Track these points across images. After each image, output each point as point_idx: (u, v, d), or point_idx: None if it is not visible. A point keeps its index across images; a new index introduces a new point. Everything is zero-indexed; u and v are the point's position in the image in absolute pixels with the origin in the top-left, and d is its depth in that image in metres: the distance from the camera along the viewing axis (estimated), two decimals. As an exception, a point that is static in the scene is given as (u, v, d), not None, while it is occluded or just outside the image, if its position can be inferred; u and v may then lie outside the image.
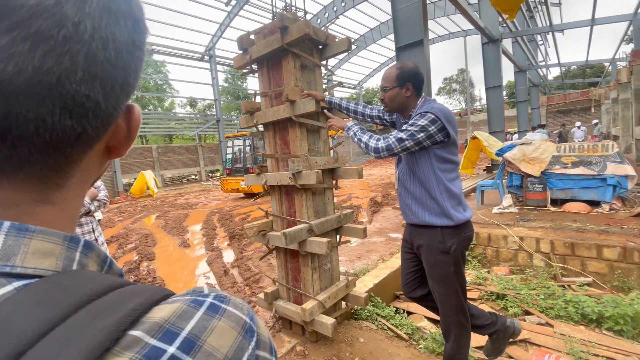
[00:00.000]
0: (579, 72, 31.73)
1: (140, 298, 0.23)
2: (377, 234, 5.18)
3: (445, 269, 1.60)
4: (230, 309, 0.25)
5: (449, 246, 1.57)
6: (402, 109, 1.70)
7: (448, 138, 1.54)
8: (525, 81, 13.63)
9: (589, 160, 4.51)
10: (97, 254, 0.28)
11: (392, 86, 1.65)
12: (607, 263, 3.24)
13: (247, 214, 8.13)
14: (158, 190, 16.53)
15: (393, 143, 1.52)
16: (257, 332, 0.26)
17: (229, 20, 16.19)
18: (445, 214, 1.57)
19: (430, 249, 1.62)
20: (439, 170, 1.57)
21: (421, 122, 1.49)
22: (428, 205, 1.61)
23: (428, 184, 1.59)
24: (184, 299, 0.24)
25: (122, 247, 5.87)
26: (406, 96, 1.65)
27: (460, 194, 1.62)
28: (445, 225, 1.58)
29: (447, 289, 1.63)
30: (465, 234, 1.62)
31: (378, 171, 18.12)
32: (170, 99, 35.14)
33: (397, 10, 4.89)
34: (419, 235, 1.68)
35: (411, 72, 1.64)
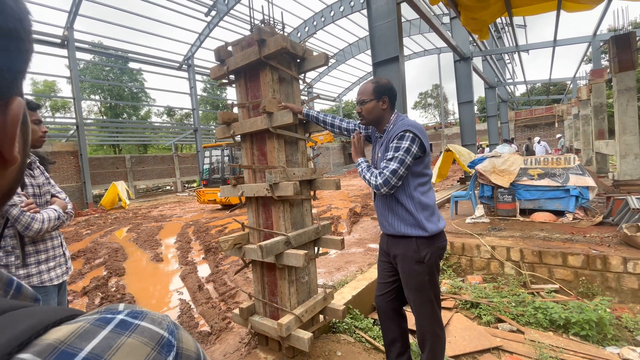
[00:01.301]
0: (543, 89, 33.90)
1: (34, 319, 0.21)
2: (356, 244, 5.20)
3: (420, 278, 1.65)
4: (144, 324, 0.23)
5: (424, 256, 1.63)
6: (378, 122, 1.76)
7: (424, 153, 1.62)
8: (494, 97, 14.39)
9: (553, 172, 4.78)
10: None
11: (370, 99, 1.71)
12: (572, 270, 3.40)
13: (223, 226, 7.94)
14: (130, 201, 15.87)
15: (389, 177, 1.56)
16: (178, 346, 0.24)
17: (208, 30, 16.14)
18: (420, 225, 1.63)
19: (406, 258, 1.67)
20: (412, 184, 1.64)
21: (405, 145, 1.55)
22: (403, 217, 1.66)
23: (403, 197, 1.65)
24: (89, 318, 0.22)
25: (89, 262, 5.55)
26: (382, 108, 1.72)
27: (433, 205, 1.69)
28: (419, 236, 1.64)
29: (422, 299, 1.67)
30: (438, 244, 1.68)
31: (357, 182, 18.32)
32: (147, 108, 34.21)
33: (373, 27, 5.07)
34: (394, 245, 1.73)
35: (386, 86, 1.72)
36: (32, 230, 1.46)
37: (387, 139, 1.68)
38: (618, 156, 6.42)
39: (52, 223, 1.55)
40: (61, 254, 1.68)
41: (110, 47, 16.93)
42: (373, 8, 5.04)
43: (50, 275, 1.60)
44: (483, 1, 5.24)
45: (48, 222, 1.53)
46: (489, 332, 2.60)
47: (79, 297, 4.02)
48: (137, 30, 15.15)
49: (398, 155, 1.55)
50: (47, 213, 1.55)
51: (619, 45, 6.31)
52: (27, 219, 1.44)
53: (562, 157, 4.85)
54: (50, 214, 1.56)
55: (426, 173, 1.68)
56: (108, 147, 31.70)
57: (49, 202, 1.69)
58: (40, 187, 1.65)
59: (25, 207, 1.45)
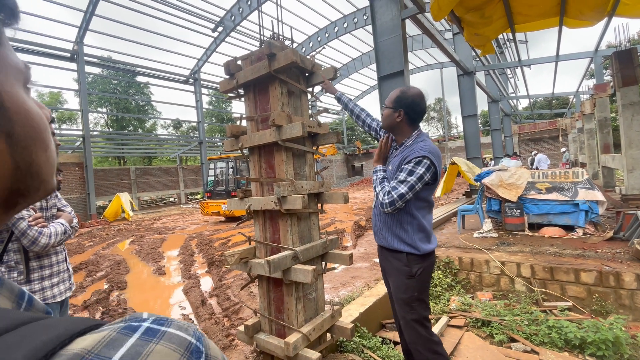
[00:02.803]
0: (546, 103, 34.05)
1: (58, 329, 0.20)
2: (362, 259, 5.12)
3: (410, 293, 1.65)
4: (171, 330, 0.23)
5: (415, 271, 1.65)
6: (394, 132, 1.76)
7: (434, 181, 1.62)
8: (498, 111, 14.44)
9: (562, 186, 4.72)
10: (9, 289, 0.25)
11: (388, 106, 1.71)
12: (585, 287, 3.30)
13: (227, 239, 7.87)
14: (134, 213, 15.88)
15: (395, 200, 1.56)
16: (206, 353, 0.23)
17: (215, 45, 16.49)
18: (412, 244, 1.65)
19: (397, 271, 1.69)
20: (414, 207, 1.65)
21: (419, 171, 1.55)
22: (397, 234, 1.68)
23: (402, 217, 1.66)
24: (115, 327, 0.21)
25: (91, 275, 5.49)
26: (397, 121, 1.69)
27: (429, 229, 1.71)
28: (411, 252, 1.65)
29: (411, 316, 1.66)
30: (429, 260, 1.70)
31: (361, 194, 18.25)
32: (152, 120, 34.67)
33: (378, 42, 5.13)
34: (387, 259, 1.77)
35: (407, 100, 1.67)
36: (38, 245, 1.43)
37: (404, 155, 1.65)
38: (625, 170, 6.35)
39: (58, 238, 1.53)
40: (65, 269, 1.65)
41: (119, 61, 17.31)
42: (378, 24, 5.12)
43: (53, 292, 1.56)
44: (486, 17, 5.32)
45: (55, 236, 1.50)
46: (502, 352, 2.50)
47: (79, 312, 3.95)
48: (145, 45, 15.52)
49: (410, 180, 1.55)
50: (55, 227, 1.52)
51: (621, 61, 6.34)
52: (35, 233, 1.41)
53: (570, 171, 4.80)
54: (58, 228, 1.53)
55: (430, 200, 1.69)
56: (113, 159, 32.00)
57: (55, 215, 1.67)
58: (47, 201, 1.63)
59: (32, 222, 1.43)
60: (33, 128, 0.29)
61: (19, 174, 0.28)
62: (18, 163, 0.28)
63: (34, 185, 0.30)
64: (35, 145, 0.30)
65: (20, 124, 0.28)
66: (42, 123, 0.31)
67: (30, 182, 0.29)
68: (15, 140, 0.27)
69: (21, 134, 0.28)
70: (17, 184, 0.28)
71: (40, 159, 0.30)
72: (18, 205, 0.30)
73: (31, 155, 0.29)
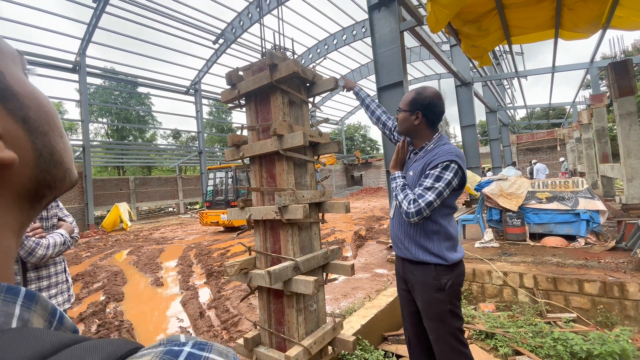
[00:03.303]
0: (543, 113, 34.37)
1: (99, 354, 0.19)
2: (363, 269, 5.06)
3: (441, 307, 1.53)
4: (213, 356, 0.22)
5: (444, 283, 1.52)
6: (412, 136, 1.66)
7: (461, 187, 1.53)
8: (496, 121, 14.55)
9: (562, 195, 4.71)
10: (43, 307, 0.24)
11: (403, 110, 1.61)
12: (589, 298, 3.26)
13: (226, 249, 7.80)
14: (132, 223, 15.78)
15: (423, 208, 1.45)
16: None
17: (215, 57, 16.70)
18: (440, 255, 1.53)
19: (425, 286, 1.56)
20: (439, 215, 1.54)
21: (448, 177, 1.45)
22: (422, 245, 1.56)
23: (427, 226, 1.55)
24: (156, 351, 0.21)
25: (87, 287, 5.41)
26: (415, 124, 1.60)
27: (455, 236, 1.60)
28: (438, 263, 1.54)
29: (444, 330, 1.54)
30: (458, 270, 1.59)
31: (361, 204, 18.21)
32: (152, 130, 34.82)
33: (378, 54, 5.20)
34: (411, 271, 1.63)
35: (425, 101, 1.57)
36: (35, 256, 1.41)
37: (427, 160, 1.55)
38: (625, 180, 6.36)
39: (57, 249, 1.50)
40: (64, 281, 1.61)
41: (121, 72, 17.49)
42: (377, 36, 5.20)
43: None
44: (483, 29, 5.41)
45: (53, 247, 1.47)
46: (507, 365, 2.45)
47: (75, 324, 3.88)
48: (147, 56, 15.70)
49: (438, 186, 1.44)
50: (53, 238, 1.49)
51: (617, 72, 6.43)
52: (32, 244, 1.39)
53: (570, 181, 4.80)
54: (57, 239, 1.50)
55: (455, 206, 1.58)
56: (112, 169, 32.00)
57: (56, 225, 1.64)
58: (48, 210, 1.61)
59: (30, 232, 1.40)
60: (46, 113, 0.28)
61: (43, 163, 0.27)
62: (40, 150, 0.27)
63: (59, 174, 0.29)
64: (53, 131, 0.29)
65: (34, 109, 0.27)
66: (52, 108, 0.30)
67: (55, 171, 0.28)
68: (32, 126, 0.26)
69: (37, 120, 0.27)
70: (43, 173, 0.27)
71: (59, 146, 0.29)
72: (45, 199, 0.29)
73: (51, 141, 0.28)
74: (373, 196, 24.10)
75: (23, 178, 0.26)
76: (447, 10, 4.28)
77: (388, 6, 4.99)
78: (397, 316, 3.16)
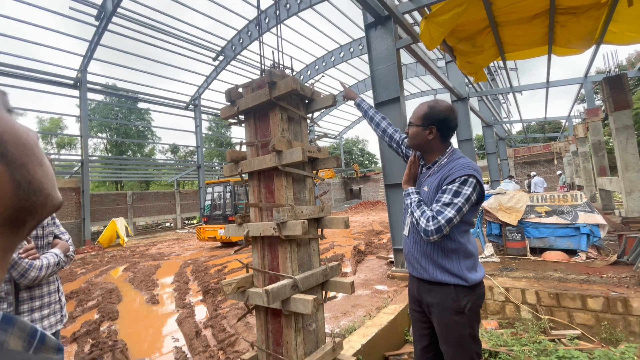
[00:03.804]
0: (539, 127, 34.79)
1: None
2: (362, 286, 4.98)
3: (461, 331, 1.44)
4: None
5: (464, 305, 1.43)
6: (424, 151, 1.61)
7: (480, 201, 1.47)
8: (492, 135, 14.70)
9: (561, 209, 4.71)
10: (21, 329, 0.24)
11: (417, 124, 1.56)
12: (592, 314, 3.20)
13: (223, 265, 7.69)
14: (129, 238, 15.61)
15: (443, 225, 1.37)
16: None
17: (215, 73, 16.96)
18: (459, 275, 1.45)
19: (443, 308, 1.46)
20: (457, 232, 1.46)
21: (466, 192, 1.39)
22: (441, 264, 1.48)
23: (445, 244, 1.47)
24: None
25: (81, 305, 5.29)
26: (428, 139, 1.55)
27: (475, 254, 1.52)
28: (458, 284, 1.46)
29: (463, 355, 1.45)
30: (479, 291, 1.50)
31: (360, 218, 18.13)
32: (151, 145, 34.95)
33: (374, 70, 5.29)
34: (429, 292, 1.53)
35: (440, 115, 1.53)
36: (28, 278, 1.37)
37: (442, 175, 1.49)
38: (623, 193, 6.37)
39: (50, 270, 1.46)
40: (57, 300, 1.57)
41: (121, 89, 17.70)
42: (374, 54, 5.31)
43: (42, 325, 1.48)
44: (477, 46, 5.54)
45: (46, 269, 1.44)
46: (512, 386, 2.37)
47: (68, 344, 3.77)
48: (148, 72, 15.93)
49: (457, 202, 1.37)
50: (47, 259, 1.46)
51: (612, 86, 6.54)
52: (25, 265, 1.35)
53: (568, 194, 4.80)
54: (50, 259, 1.47)
55: (472, 222, 1.53)
56: (110, 184, 31.91)
57: (51, 243, 1.61)
58: (44, 228, 1.58)
59: (23, 254, 1.37)
60: (24, 145, 0.30)
61: (22, 192, 0.29)
62: (19, 181, 0.28)
63: (40, 200, 0.30)
64: (31, 161, 0.30)
65: (12, 144, 0.29)
66: (30, 140, 0.31)
67: (34, 198, 0.30)
68: (10, 159, 0.28)
69: (15, 153, 0.29)
70: (22, 202, 0.29)
71: (38, 174, 0.31)
72: (27, 224, 0.30)
73: (29, 171, 0.30)
74: (372, 210, 24.02)
75: (2, 207, 0.27)
76: (442, 28, 4.39)
77: (384, 25, 5.12)
78: (399, 335, 3.09)
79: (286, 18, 12.69)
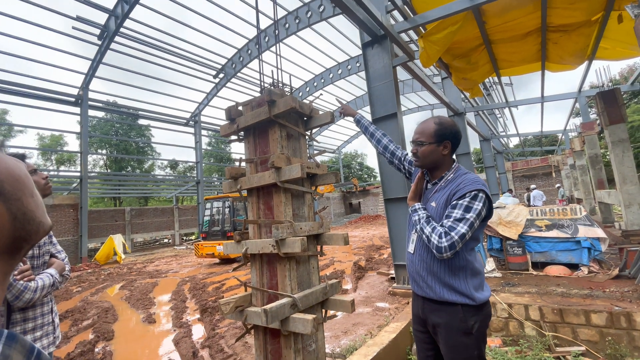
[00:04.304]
0: (536, 141, 35.11)
1: None
2: (363, 303, 4.89)
3: (469, 352, 1.39)
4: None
5: (472, 325, 1.39)
6: (435, 167, 1.58)
7: (489, 216, 1.46)
8: (490, 149, 14.82)
9: (561, 223, 4.70)
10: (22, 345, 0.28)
11: (429, 141, 1.52)
12: (597, 330, 3.15)
13: (221, 283, 7.58)
14: (126, 255, 15.42)
15: (456, 241, 1.34)
16: None
17: (215, 90, 17.22)
18: (467, 294, 1.42)
19: (450, 329, 1.42)
20: (465, 249, 1.43)
21: (477, 207, 1.37)
22: (448, 283, 1.45)
23: (453, 261, 1.45)
24: None
25: (76, 324, 5.17)
26: (443, 154, 1.53)
27: (482, 272, 1.49)
28: (465, 304, 1.42)
29: None
30: (486, 311, 1.46)
31: (360, 232, 18.00)
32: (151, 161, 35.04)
33: (372, 87, 5.39)
34: (434, 312, 1.49)
35: (451, 129, 1.53)
36: (22, 300, 1.35)
37: (451, 190, 1.47)
38: (623, 206, 6.38)
39: (45, 291, 1.44)
40: (50, 322, 1.53)
41: (122, 105, 17.91)
42: (371, 71, 5.41)
43: None
44: (472, 63, 5.67)
45: (41, 290, 1.41)
46: (518, 407, 2.30)
47: (59, 366, 3.66)
48: (149, 90, 16.17)
49: (469, 217, 1.35)
50: (42, 280, 1.43)
51: (605, 101, 6.66)
52: (20, 287, 1.33)
53: (567, 208, 4.80)
54: (46, 280, 1.44)
55: (480, 238, 1.51)
56: (109, 200, 31.79)
57: (47, 263, 1.59)
58: (40, 247, 1.56)
59: (18, 276, 1.35)
60: (17, 181, 0.33)
61: (18, 223, 0.32)
62: (15, 214, 0.32)
63: (33, 228, 0.34)
64: (24, 195, 0.34)
65: (8, 182, 0.32)
66: (22, 173, 0.34)
67: (28, 226, 0.33)
68: (7, 196, 0.31)
69: (10, 190, 0.32)
70: (18, 231, 0.32)
71: (31, 205, 0.34)
72: (23, 249, 0.34)
73: (23, 204, 0.33)
74: (372, 224, 23.89)
75: (2, 238, 0.31)
76: (438, 47, 4.50)
77: (380, 43, 5.25)
78: (401, 353, 3.01)
79: (285, 37, 13.00)
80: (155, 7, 11.54)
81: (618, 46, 5.18)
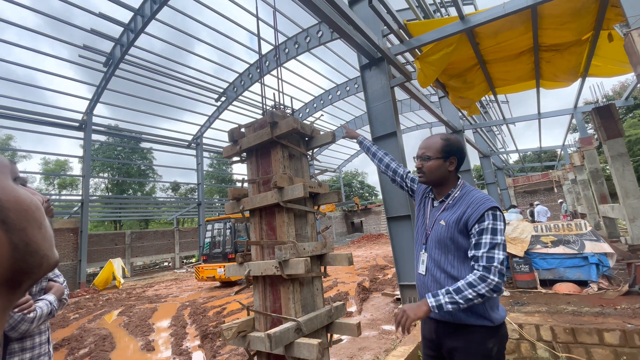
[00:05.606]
0: (535, 156, 35.27)
1: None
2: (369, 326, 4.75)
3: None
4: None
5: (490, 348, 1.34)
6: (440, 184, 1.55)
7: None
8: (490, 165, 14.87)
9: (567, 239, 4.63)
10: None
11: (435, 156, 1.50)
12: (611, 349, 3.03)
13: (222, 307, 7.39)
14: (125, 280, 15.16)
15: (500, 270, 1.29)
16: None
17: (217, 113, 17.53)
18: (485, 315, 1.37)
19: (469, 353, 1.36)
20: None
21: (500, 226, 1.35)
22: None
23: None
24: None
25: (73, 353, 5.00)
26: (449, 170, 1.51)
27: None
28: (484, 325, 1.37)
29: None
30: (503, 332, 1.42)
31: (363, 252, 17.74)
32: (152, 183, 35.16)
33: (370, 107, 5.48)
34: (450, 335, 1.43)
35: (458, 145, 1.53)
36: (18, 331, 1.32)
37: (462, 210, 1.42)
38: (627, 220, 6.31)
39: (41, 320, 1.40)
40: (46, 352, 1.49)
41: (124, 129, 18.18)
42: (369, 92, 5.53)
43: None
44: (468, 82, 5.80)
45: (38, 320, 1.38)
46: None
47: (54, 399, 3.50)
48: (152, 114, 16.48)
49: (500, 240, 1.32)
50: (41, 309, 1.40)
51: (602, 116, 6.75)
52: (17, 318, 1.31)
53: (572, 223, 4.75)
54: (44, 309, 1.41)
55: None
56: (109, 223, 31.64)
57: (44, 288, 1.56)
58: None
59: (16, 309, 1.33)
60: (25, 211, 0.32)
61: (18, 254, 0.30)
62: (16, 244, 0.30)
63: (36, 262, 0.32)
64: (30, 225, 0.32)
65: (14, 210, 0.31)
66: (32, 205, 0.33)
67: (31, 259, 0.31)
68: (10, 225, 0.30)
69: (15, 219, 0.31)
70: (18, 263, 0.30)
71: (36, 237, 0.32)
72: (24, 284, 0.32)
73: (28, 235, 0.32)
74: (375, 243, 23.59)
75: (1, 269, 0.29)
76: (434, 67, 4.62)
77: (378, 65, 5.39)
78: (409, 379, 2.89)
79: (285, 61, 13.39)
80: (159, 35, 11.97)
81: (609, 63, 5.31)
